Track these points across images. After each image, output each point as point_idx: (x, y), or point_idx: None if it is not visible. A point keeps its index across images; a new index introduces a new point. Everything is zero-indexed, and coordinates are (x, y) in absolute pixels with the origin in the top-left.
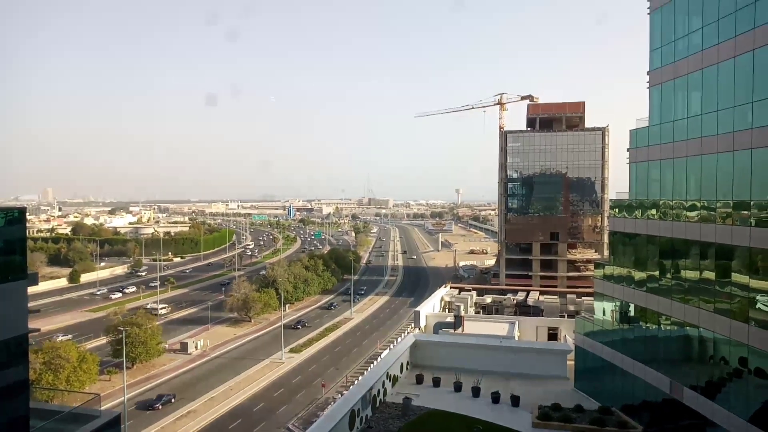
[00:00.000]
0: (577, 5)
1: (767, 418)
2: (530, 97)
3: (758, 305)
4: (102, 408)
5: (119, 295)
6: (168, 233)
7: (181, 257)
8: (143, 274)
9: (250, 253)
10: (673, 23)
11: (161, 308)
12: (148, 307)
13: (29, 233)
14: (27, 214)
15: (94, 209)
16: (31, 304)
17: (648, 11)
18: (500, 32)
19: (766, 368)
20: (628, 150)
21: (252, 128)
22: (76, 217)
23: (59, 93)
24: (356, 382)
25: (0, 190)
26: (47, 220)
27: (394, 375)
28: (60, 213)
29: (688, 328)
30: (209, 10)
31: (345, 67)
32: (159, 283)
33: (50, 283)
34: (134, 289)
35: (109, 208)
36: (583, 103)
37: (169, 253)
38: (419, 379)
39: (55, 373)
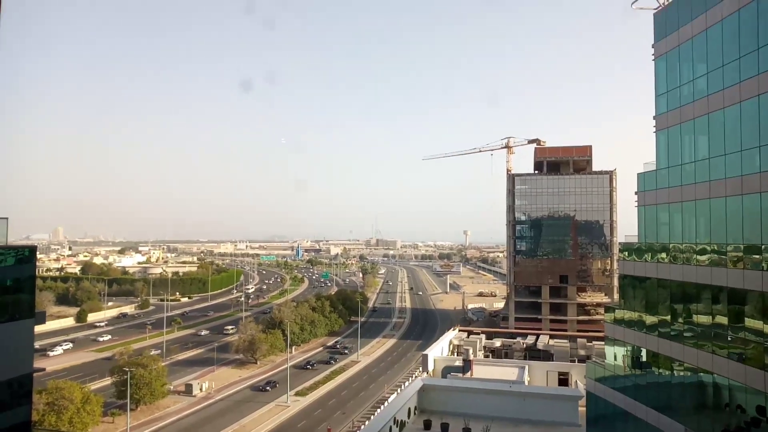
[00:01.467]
0: (580, 51)
1: None
2: (537, 141)
3: None
4: None
5: (59, 351)
6: (176, 273)
7: (189, 297)
8: (101, 325)
9: (244, 297)
10: (677, 69)
11: (231, 329)
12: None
13: (39, 272)
14: (37, 253)
15: (104, 249)
16: (37, 344)
17: (653, 57)
18: (506, 76)
19: None
20: (636, 193)
21: (262, 169)
22: (86, 256)
23: (70, 132)
24: (363, 427)
25: (11, 229)
26: (57, 259)
27: (402, 420)
28: (70, 252)
29: (701, 374)
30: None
31: (354, 108)
32: (165, 323)
33: (57, 322)
34: (70, 345)
35: (119, 248)
36: (590, 146)
37: (177, 293)
38: (427, 425)
39: (58, 415)
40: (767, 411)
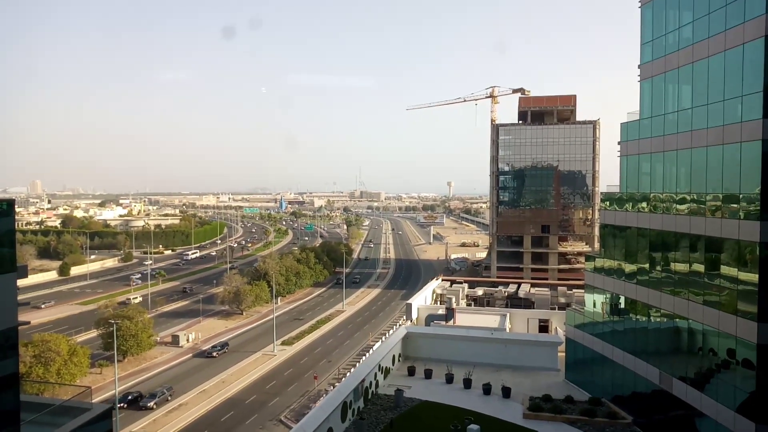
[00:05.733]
0: (567, 3)
1: (754, 408)
2: (522, 90)
3: (746, 297)
4: (93, 401)
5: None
6: (159, 226)
7: (172, 250)
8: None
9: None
10: (663, 17)
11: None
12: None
13: (18, 226)
14: (16, 206)
15: (83, 201)
16: (20, 297)
17: (639, 5)
18: (493, 25)
19: (753, 359)
20: (619, 143)
21: (244, 121)
22: (66, 209)
23: (48, 84)
24: (348, 374)
25: None
26: (36, 213)
27: (386, 367)
28: (49, 205)
29: (677, 320)
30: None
31: (337, 59)
32: (150, 275)
33: (40, 276)
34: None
35: (99, 201)
36: (575, 96)
37: (160, 246)
38: (411, 371)
39: (46, 366)
40: (736, 353)
